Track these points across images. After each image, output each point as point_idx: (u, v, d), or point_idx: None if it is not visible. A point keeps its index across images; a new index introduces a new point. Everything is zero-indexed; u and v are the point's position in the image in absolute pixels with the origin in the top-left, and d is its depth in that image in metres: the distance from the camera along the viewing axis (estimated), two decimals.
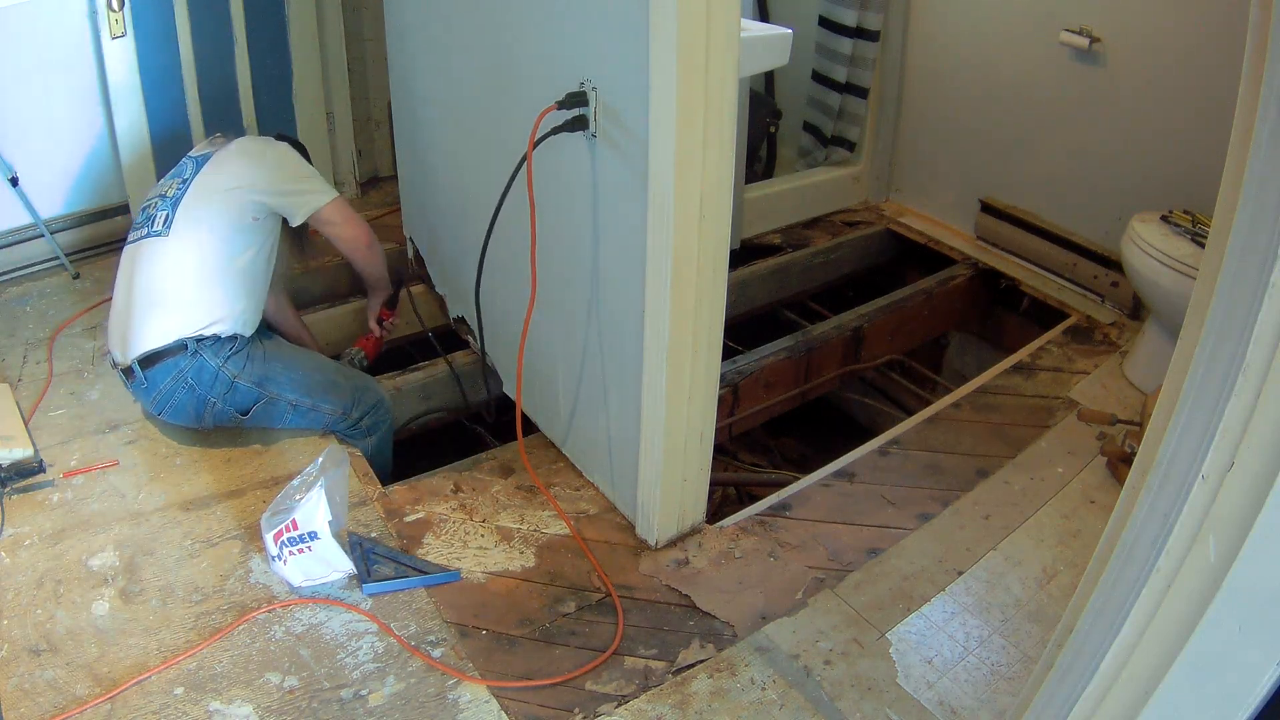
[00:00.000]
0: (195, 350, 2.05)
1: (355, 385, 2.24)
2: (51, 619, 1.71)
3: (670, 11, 1.48)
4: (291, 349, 2.28)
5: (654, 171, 1.63)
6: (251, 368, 2.10)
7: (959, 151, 3.35)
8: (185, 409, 2.10)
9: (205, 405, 2.09)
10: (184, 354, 2.05)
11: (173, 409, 2.10)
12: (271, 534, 1.79)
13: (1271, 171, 0.74)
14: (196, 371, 2.05)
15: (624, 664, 1.71)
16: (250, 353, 2.11)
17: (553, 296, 2.05)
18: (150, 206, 2.14)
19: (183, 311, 2.05)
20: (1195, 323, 0.84)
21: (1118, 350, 2.78)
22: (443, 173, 2.54)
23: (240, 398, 2.10)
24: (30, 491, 2.00)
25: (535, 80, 1.89)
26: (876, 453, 2.35)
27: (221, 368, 2.06)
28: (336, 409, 2.18)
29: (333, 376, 2.23)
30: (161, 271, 2.06)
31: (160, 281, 2.06)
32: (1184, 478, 0.81)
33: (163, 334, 2.04)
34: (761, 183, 3.46)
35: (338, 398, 2.18)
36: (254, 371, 2.10)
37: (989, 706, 1.65)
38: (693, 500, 2.00)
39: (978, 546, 2.03)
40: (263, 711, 1.56)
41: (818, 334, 2.82)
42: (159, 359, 2.05)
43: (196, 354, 2.05)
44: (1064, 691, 0.97)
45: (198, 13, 2.85)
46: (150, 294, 2.06)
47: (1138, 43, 2.72)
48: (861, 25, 3.25)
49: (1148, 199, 2.69)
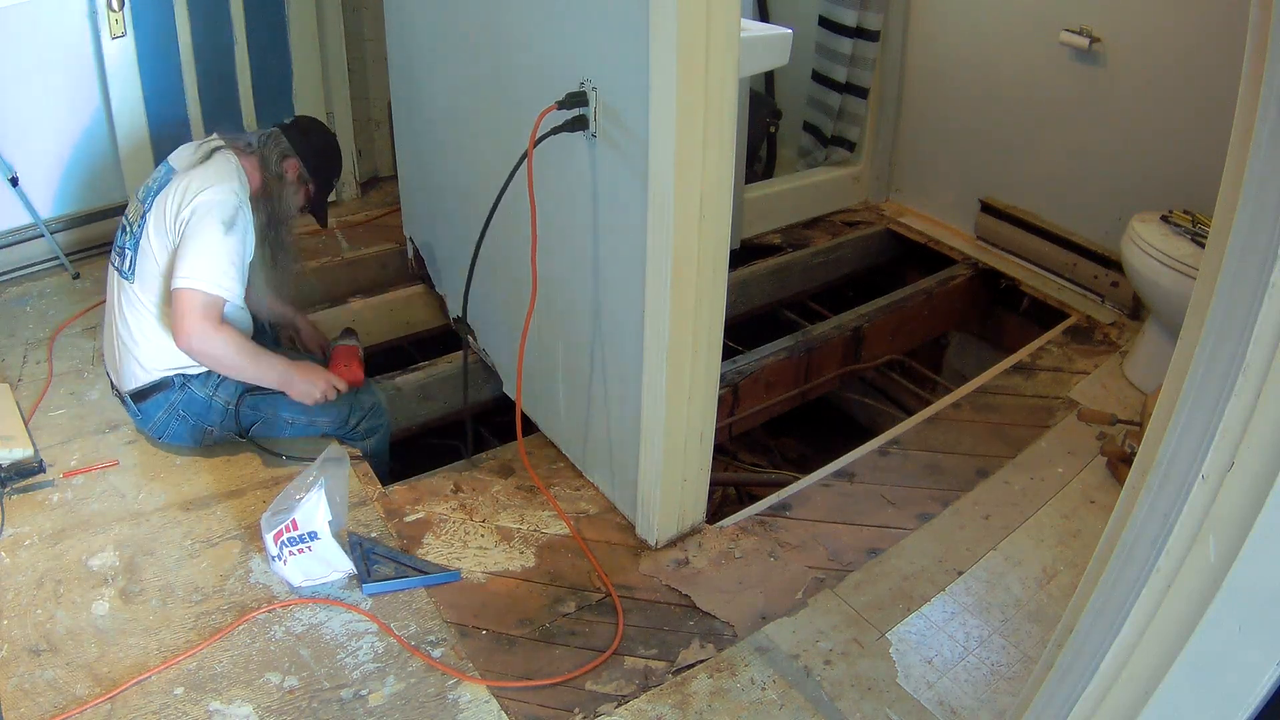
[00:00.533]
0: (183, 384, 2.04)
1: (350, 393, 2.22)
2: (51, 619, 1.71)
3: (670, 11, 1.48)
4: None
5: (654, 171, 1.63)
6: (243, 392, 2.07)
7: (959, 151, 3.35)
8: (183, 436, 2.10)
9: (203, 433, 2.09)
10: (172, 389, 2.04)
11: (171, 435, 2.10)
12: (271, 534, 1.79)
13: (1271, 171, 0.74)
14: (187, 403, 2.05)
15: (624, 664, 1.71)
16: None
17: (553, 296, 2.05)
18: (124, 231, 2.08)
19: (161, 355, 2.02)
20: (1195, 323, 0.84)
21: (1118, 350, 2.78)
22: (443, 172, 2.54)
23: (236, 421, 2.09)
24: (30, 491, 2.00)
25: (535, 80, 1.89)
26: (876, 453, 2.35)
27: (212, 397, 2.06)
28: (334, 420, 2.17)
29: None
30: (134, 318, 2.03)
31: (135, 328, 2.03)
32: (1184, 478, 0.81)
33: (146, 373, 2.04)
34: (761, 183, 3.47)
35: (334, 408, 2.17)
36: (246, 396, 2.08)
37: (989, 706, 1.65)
38: (693, 500, 2.00)
39: (978, 546, 2.03)
40: (263, 711, 1.56)
41: (818, 334, 2.82)
42: (149, 394, 2.05)
43: (184, 387, 2.04)
44: (1064, 691, 0.97)
45: (198, 13, 2.85)
46: (128, 337, 2.04)
47: (1138, 43, 2.72)
48: (861, 25, 3.25)
49: (1148, 199, 2.69)
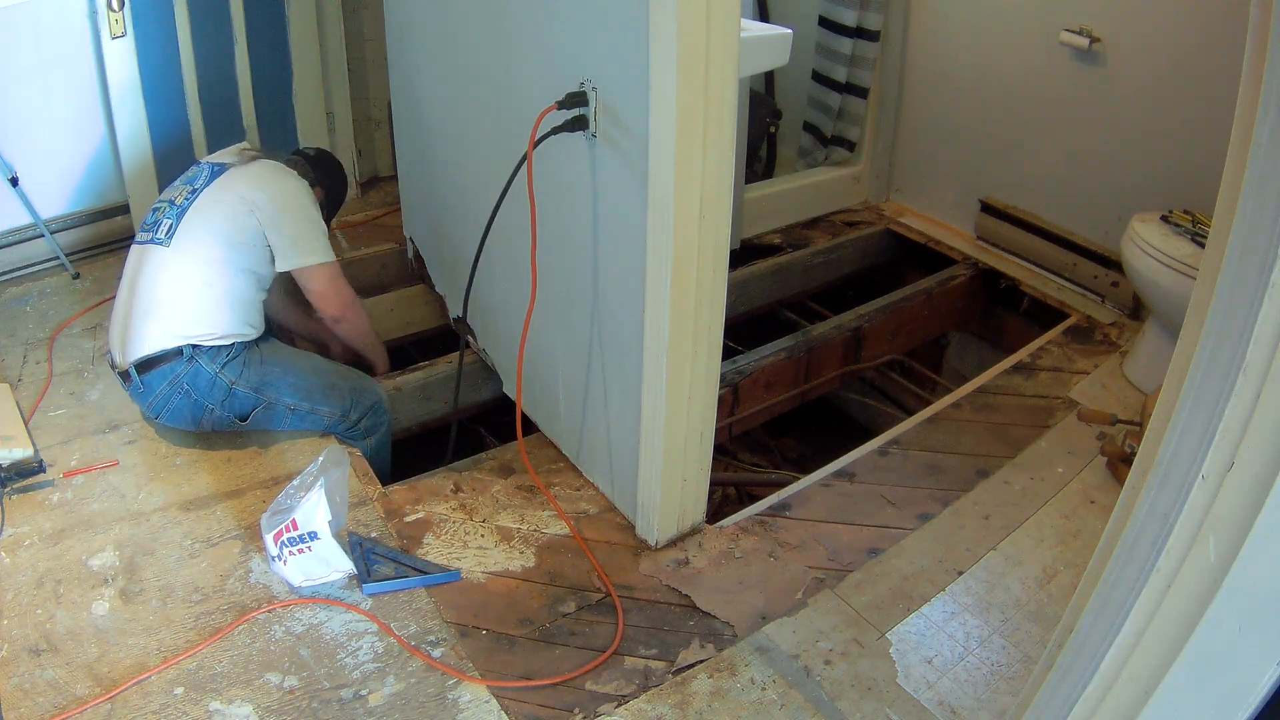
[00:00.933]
0: (191, 356, 2.05)
1: (353, 387, 2.25)
2: (51, 619, 1.71)
3: (670, 11, 1.48)
4: (290, 352, 2.26)
5: (654, 171, 1.63)
6: (248, 373, 2.09)
7: (959, 151, 3.35)
8: (182, 414, 2.10)
9: (203, 411, 2.09)
10: (180, 360, 2.05)
11: (169, 413, 2.10)
12: (271, 534, 1.79)
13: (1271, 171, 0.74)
14: (192, 377, 2.05)
15: (624, 664, 1.71)
16: (247, 358, 2.11)
17: (553, 296, 2.05)
18: (159, 210, 2.14)
19: (179, 320, 2.05)
20: (1195, 323, 0.84)
21: (1118, 350, 2.78)
22: (443, 172, 2.54)
23: (238, 403, 2.10)
24: (30, 491, 2.00)
25: (535, 80, 1.89)
26: (876, 453, 2.35)
27: (218, 374, 2.06)
28: (335, 411, 2.19)
29: (331, 379, 2.22)
30: (161, 280, 2.06)
31: (159, 290, 2.06)
32: (1184, 478, 0.81)
33: (159, 340, 2.04)
34: (761, 183, 3.47)
35: (336, 400, 2.19)
36: (251, 377, 2.09)
37: (989, 706, 1.65)
38: (693, 500, 2.00)
39: (978, 546, 2.03)
40: (263, 711, 1.56)
41: (818, 334, 2.82)
42: (155, 364, 2.05)
43: (193, 359, 2.05)
44: (1064, 691, 0.97)
45: (198, 13, 2.85)
46: (148, 301, 2.06)
47: (1138, 43, 2.72)
48: (861, 25, 3.25)
49: (1148, 199, 2.69)
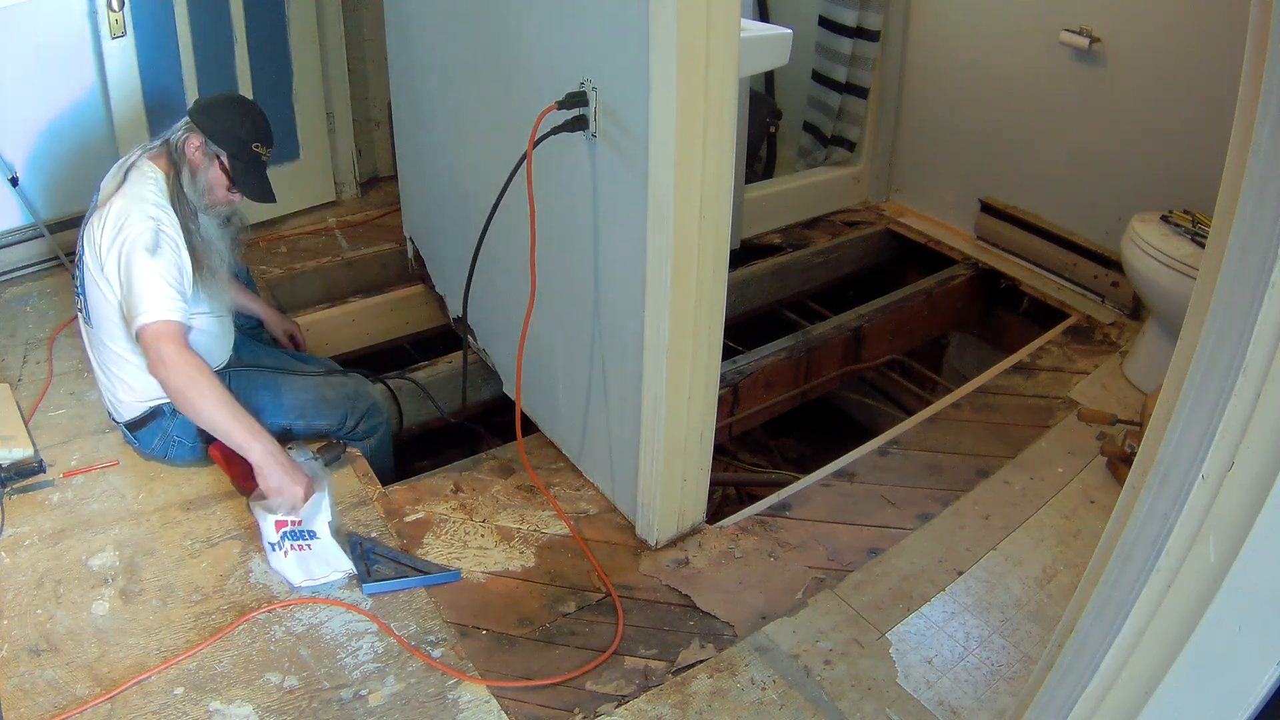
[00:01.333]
0: (173, 411, 1.98)
1: (347, 394, 2.20)
2: (51, 619, 1.71)
3: (670, 11, 1.48)
4: (272, 375, 2.17)
5: (654, 171, 1.63)
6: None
7: (959, 151, 3.35)
8: (185, 455, 2.08)
9: (203, 449, 2.06)
10: (163, 416, 2.02)
11: (172, 457, 2.08)
12: (273, 521, 1.78)
13: (1271, 171, 0.74)
14: (180, 429, 2.02)
15: (624, 664, 1.71)
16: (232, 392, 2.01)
17: (553, 296, 2.05)
18: (74, 281, 1.99)
19: (140, 388, 1.98)
20: (1195, 323, 0.84)
21: (1118, 350, 2.78)
22: (443, 173, 2.54)
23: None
24: (30, 491, 2.00)
25: (535, 80, 1.89)
26: (876, 453, 2.35)
27: None
28: (332, 423, 2.16)
29: (321, 391, 2.17)
30: (103, 358, 1.99)
31: (107, 366, 1.99)
32: (1184, 478, 0.81)
33: (131, 408, 2.01)
34: (761, 183, 3.47)
35: (332, 412, 2.16)
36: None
37: (989, 706, 1.65)
38: (693, 500, 2.00)
39: (978, 546, 2.03)
40: (263, 711, 1.56)
41: (818, 334, 2.82)
42: (143, 423, 2.03)
43: (175, 414, 1.99)
44: (1064, 691, 0.97)
45: (198, 13, 2.85)
46: (104, 375, 2.01)
47: (1138, 43, 2.72)
48: (861, 25, 3.26)
49: (1148, 199, 2.69)
